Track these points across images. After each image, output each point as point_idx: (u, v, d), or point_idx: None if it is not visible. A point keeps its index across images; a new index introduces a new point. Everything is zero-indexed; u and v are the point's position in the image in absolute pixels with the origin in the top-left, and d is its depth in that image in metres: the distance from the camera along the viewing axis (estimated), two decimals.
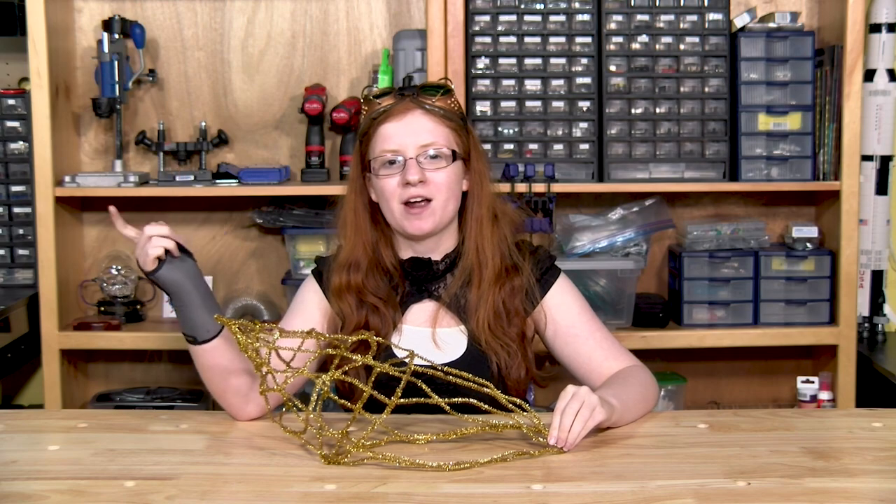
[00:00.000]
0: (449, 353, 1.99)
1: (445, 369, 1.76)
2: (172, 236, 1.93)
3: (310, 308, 2.07)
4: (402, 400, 1.72)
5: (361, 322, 2.01)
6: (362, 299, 2.01)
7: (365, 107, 2.04)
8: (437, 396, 1.74)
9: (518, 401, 1.78)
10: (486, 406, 1.76)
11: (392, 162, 1.97)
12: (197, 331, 1.94)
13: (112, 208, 2.04)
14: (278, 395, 1.78)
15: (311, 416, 1.73)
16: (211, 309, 1.94)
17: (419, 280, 2.04)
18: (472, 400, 1.75)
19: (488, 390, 1.76)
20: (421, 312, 2.04)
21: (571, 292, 2.07)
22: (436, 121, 1.99)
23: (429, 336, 2.01)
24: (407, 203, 1.96)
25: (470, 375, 1.76)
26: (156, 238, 1.91)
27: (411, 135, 1.97)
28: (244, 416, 1.96)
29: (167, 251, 1.91)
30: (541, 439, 1.75)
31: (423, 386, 1.73)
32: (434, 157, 1.97)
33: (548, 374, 2.11)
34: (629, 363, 2.03)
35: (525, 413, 1.78)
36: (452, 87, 2.04)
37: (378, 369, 1.72)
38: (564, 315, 2.04)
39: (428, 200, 1.97)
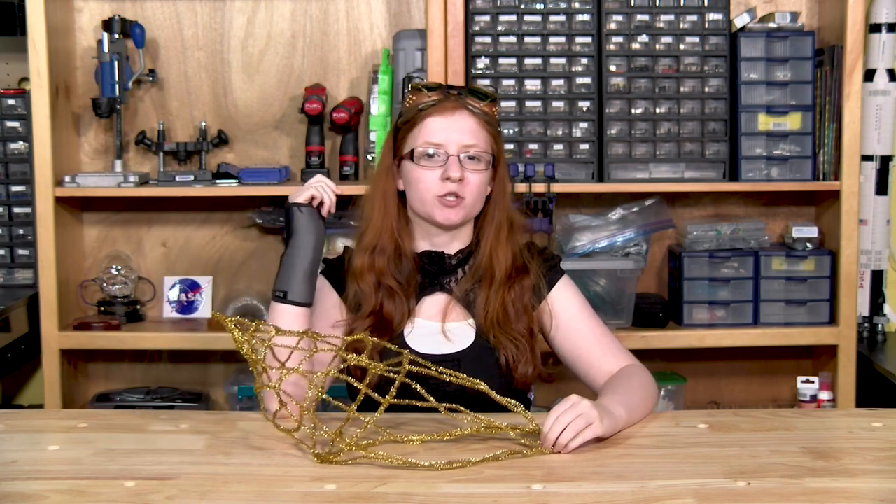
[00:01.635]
0: (458, 343, 2.03)
1: (440, 369, 1.76)
2: (332, 199, 2.00)
3: (328, 310, 2.09)
4: (395, 400, 1.72)
5: (377, 306, 2.04)
6: (380, 282, 2.05)
7: (412, 96, 2.08)
8: (432, 398, 1.74)
9: (513, 402, 1.79)
10: (472, 413, 1.76)
11: (432, 155, 2.02)
12: (292, 287, 1.97)
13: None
14: (300, 395, 1.77)
15: (305, 414, 1.72)
16: (311, 280, 1.98)
17: (432, 274, 2.09)
18: (462, 409, 1.75)
19: (482, 388, 1.76)
20: (432, 305, 2.08)
21: (574, 291, 2.13)
22: (479, 124, 2.05)
23: (439, 329, 2.05)
24: (441, 196, 2.02)
25: (464, 375, 1.76)
26: (324, 186, 1.99)
27: (456, 132, 2.03)
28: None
29: (320, 204, 1.99)
30: (532, 441, 1.75)
31: (419, 387, 1.73)
32: (472, 158, 2.03)
33: (553, 369, 2.14)
34: (628, 362, 2.05)
35: (519, 413, 1.78)
36: (497, 97, 2.11)
37: (373, 371, 1.73)
38: (566, 310, 2.09)
39: (461, 197, 2.02)
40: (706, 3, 2.96)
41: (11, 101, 3.20)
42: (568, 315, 2.09)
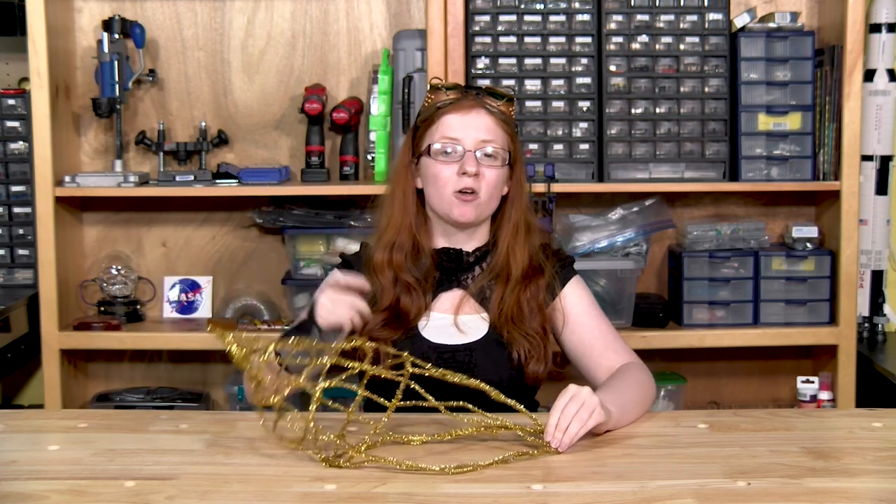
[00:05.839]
0: (470, 335, 2.07)
1: (440, 371, 1.76)
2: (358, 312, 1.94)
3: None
4: (400, 402, 1.73)
5: (394, 300, 2.08)
6: (398, 277, 2.09)
7: (430, 95, 2.13)
8: (431, 398, 1.75)
9: (512, 401, 1.78)
10: (479, 410, 1.76)
11: (448, 151, 2.06)
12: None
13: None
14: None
15: (311, 424, 1.71)
16: None
17: (449, 270, 2.13)
18: (470, 406, 1.76)
19: (487, 388, 1.76)
20: (447, 300, 2.12)
21: (584, 290, 2.18)
22: (496, 123, 2.10)
23: (451, 322, 2.08)
24: (458, 191, 2.05)
25: (465, 377, 1.76)
26: (357, 310, 1.92)
27: (473, 129, 2.07)
28: None
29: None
30: (537, 439, 1.74)
31: (421, 391, 1.73)
32: (489, 155, 2.07)
33: (562, 368, 2.18)
34: (629, 359, 2.08)
35: (522, 413, 1.78)
36: (515, 97, 2.16)
37: (371, 373, 1.73)
38: (575, 307, 2.13)
39: (475, 193, 2.06)
40: (706, 3, 2.96)
41: (11, 101, 3.20)
42: (577, 312, 2.13)
